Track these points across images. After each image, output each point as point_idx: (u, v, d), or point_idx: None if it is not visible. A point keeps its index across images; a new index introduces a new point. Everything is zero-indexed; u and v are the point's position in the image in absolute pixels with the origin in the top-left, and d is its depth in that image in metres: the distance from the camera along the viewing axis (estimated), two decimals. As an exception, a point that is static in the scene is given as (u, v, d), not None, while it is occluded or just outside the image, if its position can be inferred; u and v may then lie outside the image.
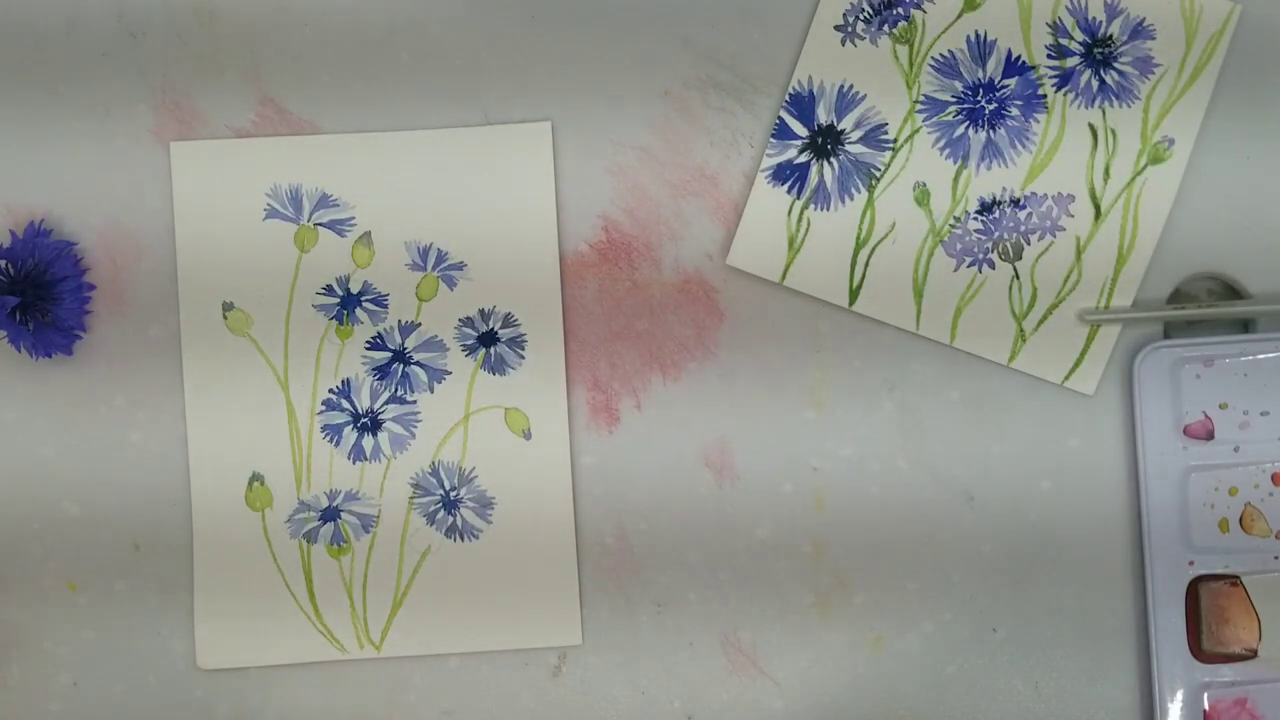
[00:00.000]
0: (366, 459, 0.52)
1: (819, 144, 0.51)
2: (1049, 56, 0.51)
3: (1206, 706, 0.50)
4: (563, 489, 0.51)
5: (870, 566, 0.52)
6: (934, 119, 0.51)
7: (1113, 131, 0.51)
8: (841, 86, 0.51)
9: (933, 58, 0.51)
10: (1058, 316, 0.51)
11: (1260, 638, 0.50)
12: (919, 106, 0.51)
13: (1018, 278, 0.51)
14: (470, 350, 0.52)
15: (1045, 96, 0.51)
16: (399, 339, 0.52)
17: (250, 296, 0.52)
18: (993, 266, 0.51)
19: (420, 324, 0.52)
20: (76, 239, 0.52)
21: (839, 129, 0.51)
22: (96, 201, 0.52)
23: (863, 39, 0.51)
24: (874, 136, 0.51)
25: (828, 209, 0.51)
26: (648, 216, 0.52)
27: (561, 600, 0.51)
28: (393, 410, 0.52)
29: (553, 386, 0.51)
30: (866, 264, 0.51)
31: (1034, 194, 0.51)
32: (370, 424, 0.52)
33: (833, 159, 0.51)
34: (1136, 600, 0.51)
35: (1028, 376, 0.51)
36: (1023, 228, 0.51)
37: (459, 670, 0.52)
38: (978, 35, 0.51)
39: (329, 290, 0.52)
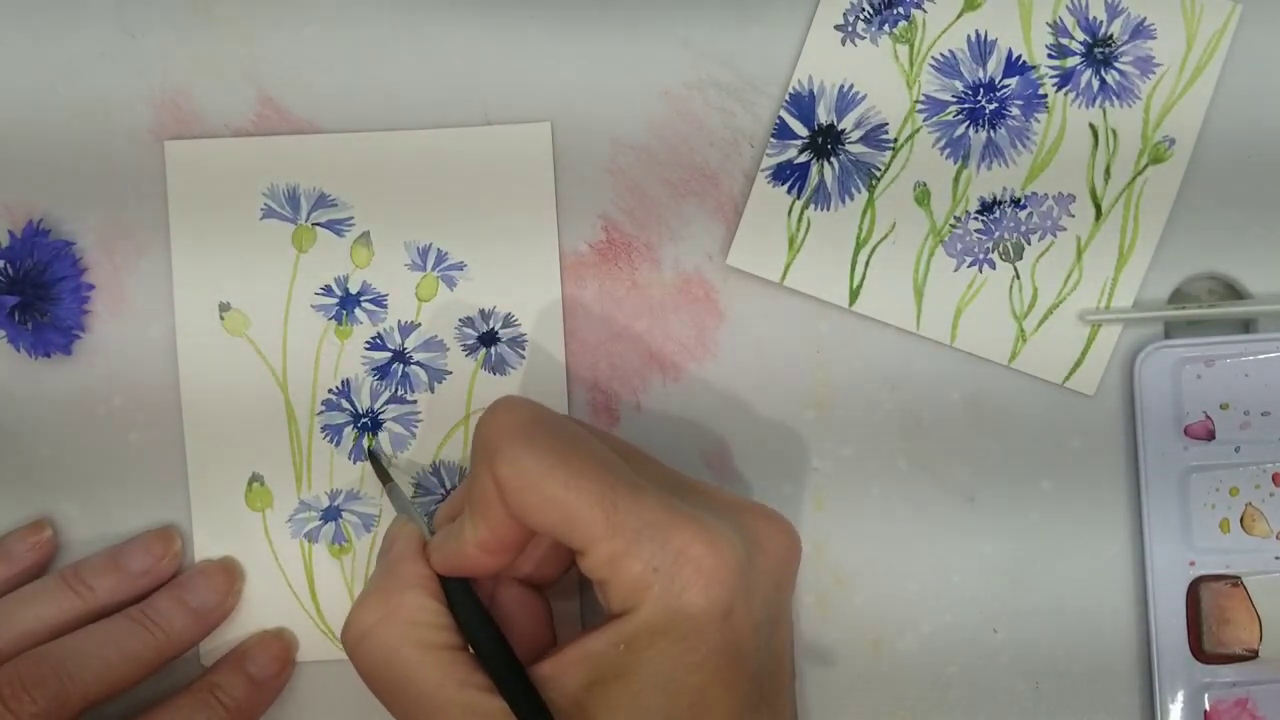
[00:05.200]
0: (367, 459, 0.52)
1: (819, 144, 0.51)
2: (1049, 56, 0.51)
3: (1207, 707, 0.50)
4: (563, 489, 0.51)
5: (870, 566, 0.52)
6: (934, 119, 0.51)
7: (1113, 131, 0.51)
8: (841, 86, 0.51)
9: (933, 57, 0.51)
10: (1058, 316, 0.51)
11: (1261, 638, 0.50)
12: (919, 106, 0.51)
13: (1018, 278, 0.51)
14: (470, 350, 0.52)
15: (1046, 96, 0.51)
16: (399, 339, 0.52)
17: (248, 296, 0.51)
18: (993, 266, 0.51)
19: (420, 324, 0.52)
20: (75, 239, 0.52)
21: (839, 129, 0.51)
22: (95, 201, 0.52)
23: (863, 39, 0.51)
24: (874, 136, 0.51)
25: (828, 209, 0.51)
26: (648, 216, 0.52)
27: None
28: (393, 410, 0.52)
29: (553, 386, 0.51)
30: (866, 264, 0.51)
31: (1034, 194, 0.51)
32: (370, 424, 0.52)
33: (833, 159, 0.51)
34: (1137, 600, 0.51)
35: (1028, 376, 0.51)
36: (1023, 228, 0.51)
37: (459, 670, 0.52)
38: (978, 35, 0.51)
39: (328, 290, 0.52)
